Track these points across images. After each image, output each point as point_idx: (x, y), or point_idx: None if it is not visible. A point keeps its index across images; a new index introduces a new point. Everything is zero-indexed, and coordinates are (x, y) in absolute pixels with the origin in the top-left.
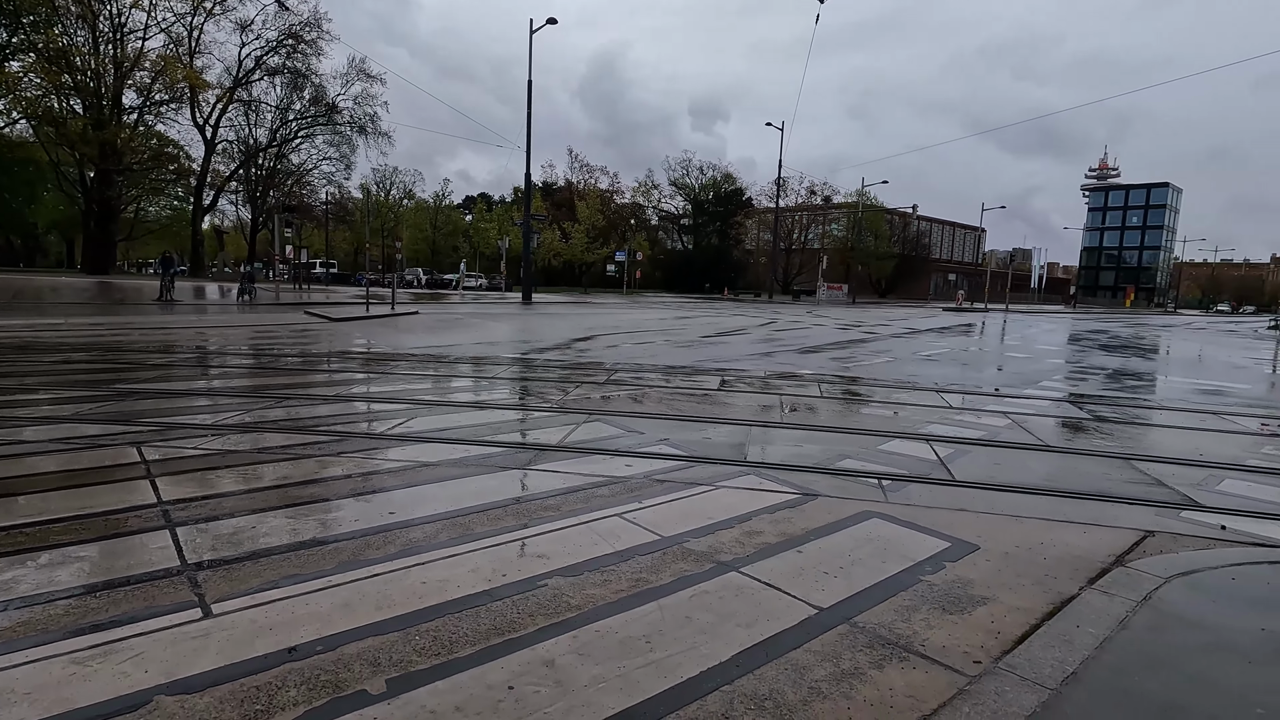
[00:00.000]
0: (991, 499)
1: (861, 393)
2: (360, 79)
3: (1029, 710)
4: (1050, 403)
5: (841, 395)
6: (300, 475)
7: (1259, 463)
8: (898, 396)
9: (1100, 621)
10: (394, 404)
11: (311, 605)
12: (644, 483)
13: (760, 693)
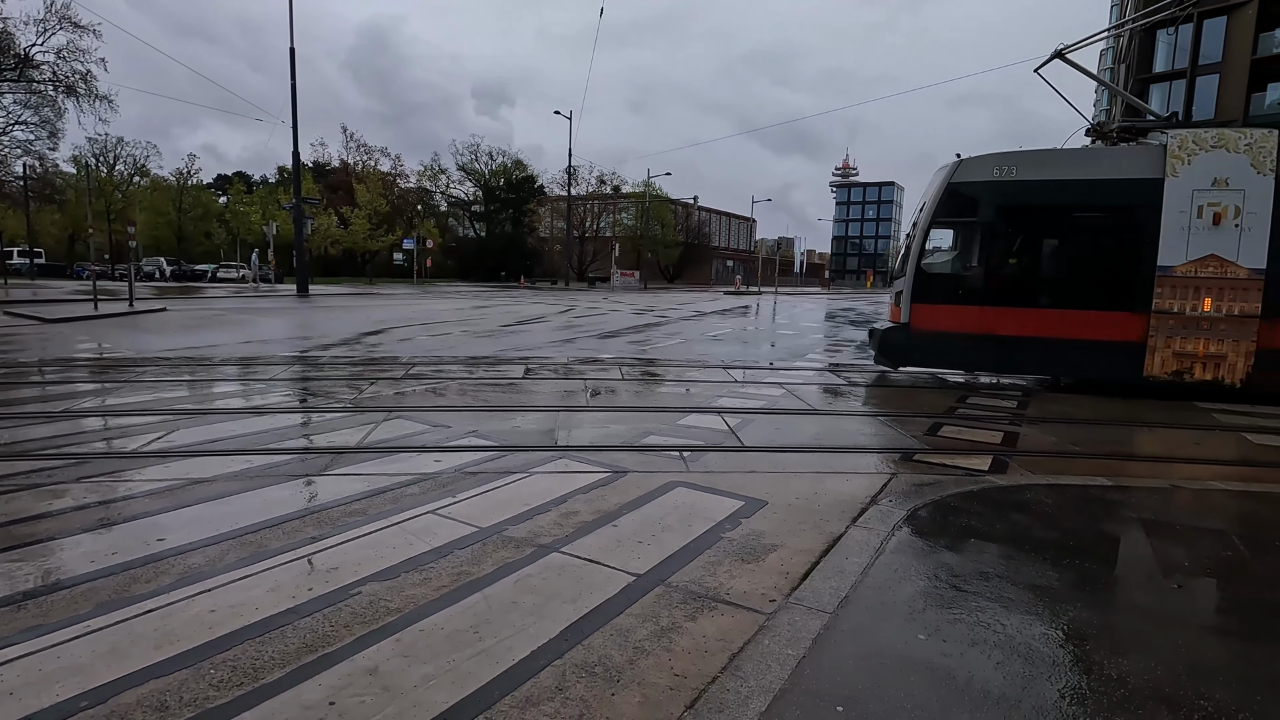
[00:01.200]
0: (775, 460)
1: (658, 373)
2: (64, 28)
3: (815, 633)
4: (814, 372)
5: (640, 376)
6: (20, 510)
7: (966, 411)
8: (690, 375)
9: (863, 552)
10: (146, 416)
11: (65, 657)
12: (456, 476)
13: (590, 660)
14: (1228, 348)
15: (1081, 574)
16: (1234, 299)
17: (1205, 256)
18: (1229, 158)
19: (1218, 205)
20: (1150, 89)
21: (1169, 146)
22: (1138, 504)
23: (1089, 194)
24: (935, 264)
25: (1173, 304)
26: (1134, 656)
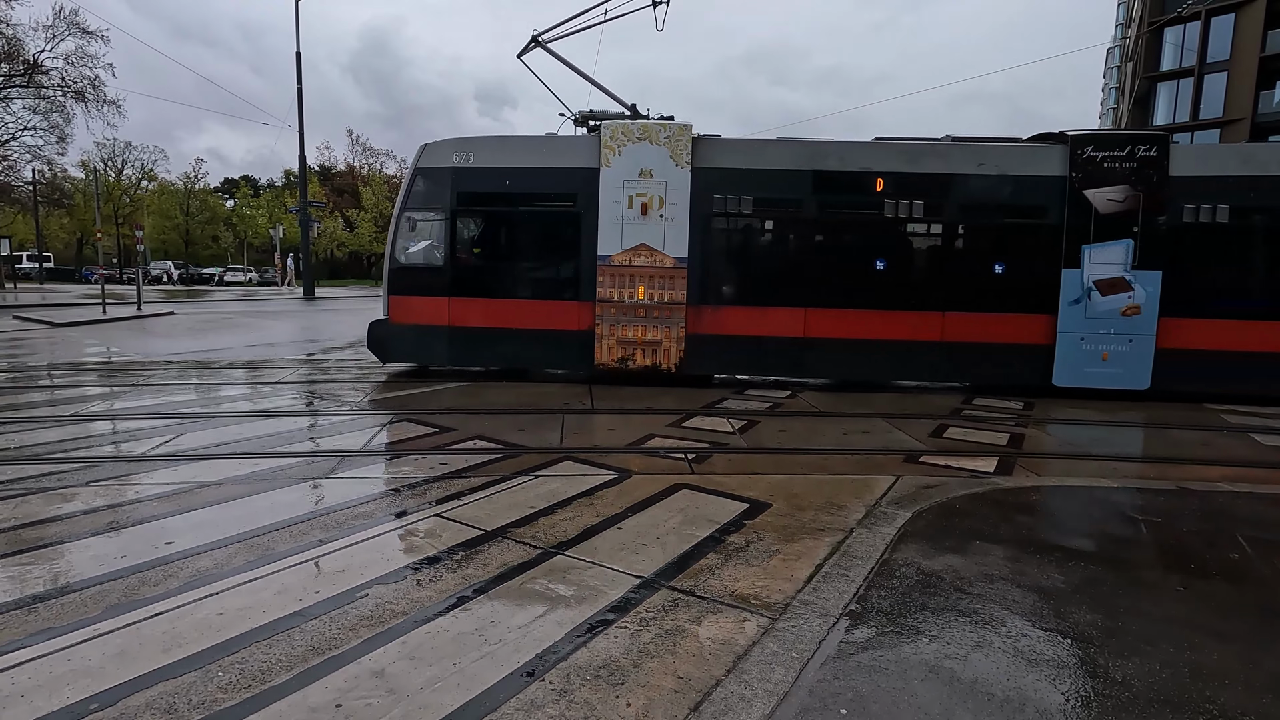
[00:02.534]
0: (779, 461)
1: None
2: (73, 34)
3: (821, 636)
4: None
5: None
6: (30, 514)
7: (972, 412)
8: None
9: (868, 555)
10: (155, 420)
11: (75, 660)
12: (460, 478)
13: (595, 663)
14: (662, 334)
15: (1087, 576)
16: (664, 287)
17: (637, 246)
18: (651, 149)
19: (645, 196)
20: (1158, 87)
21: (602, 137)
22: (1144, 506)
23: (540, 182)
24: (408, 255)
25: (613, 293)
26: (1139, 659)
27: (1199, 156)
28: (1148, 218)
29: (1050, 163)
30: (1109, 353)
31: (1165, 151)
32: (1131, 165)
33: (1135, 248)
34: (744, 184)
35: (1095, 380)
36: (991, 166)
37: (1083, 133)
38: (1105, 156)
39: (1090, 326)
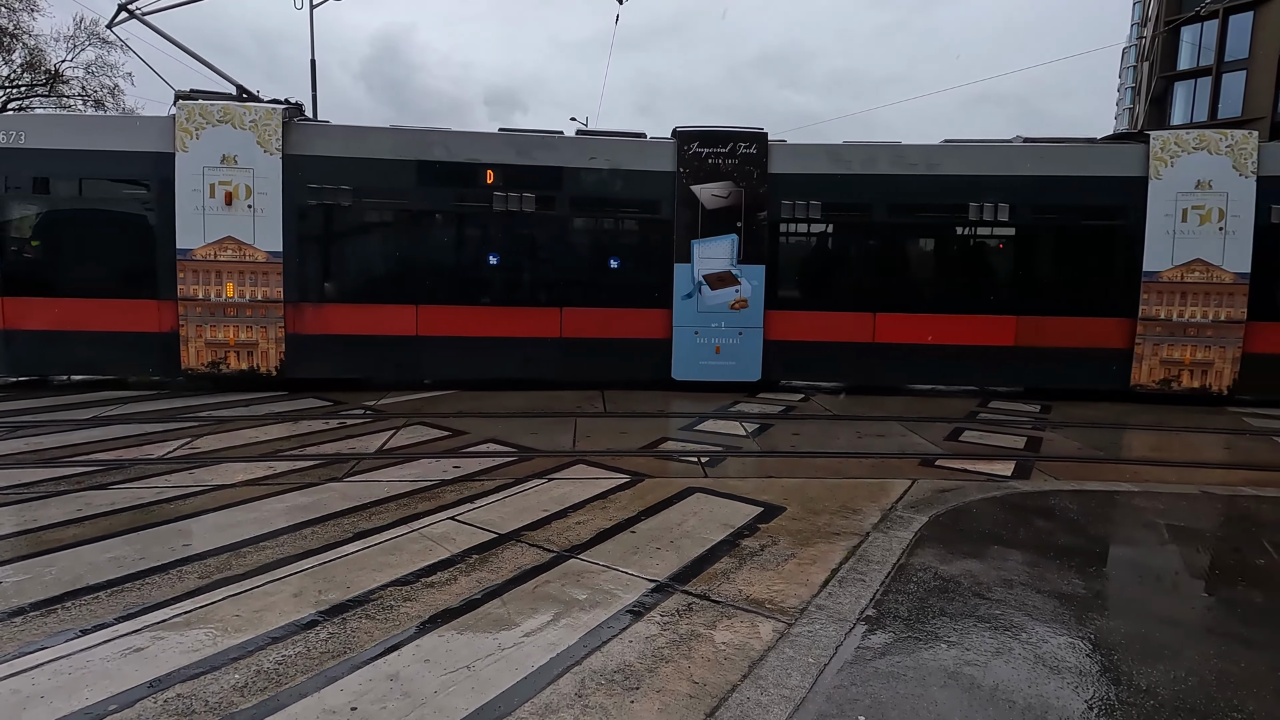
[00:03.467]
0: (793, 464)
1: None
2: (93, 44)
3: (838, 641)
4: None
5: None
6: (50, 516)
7: (989, 415)
8: None
9: (884, 559)
10: (172, 423)
11: (94, 661)
12: (474, 482)
13: (610, 667)
14: (258, 335)
15: (1108, 581)
16: (257, 284)
17: (223, 239)
18: (235, 134)
19: (229, 184)
20: (1175, 87)
21: (177, 118)
22: (1166, 510)
23: (103, 167)
24: None
25: (198, 290)
26: (1163, 666)
27: (794, 154)
28: (750, 214)
29: (661, 158)
30: (721, 345)
31: (765, 149)
32: (734, 162)
33: (739, 242)
34: (345, 173)
35: (711, 373)
36: (603, 160)
37: (689, 129)
38: (710, 153)
39: (703, 320)
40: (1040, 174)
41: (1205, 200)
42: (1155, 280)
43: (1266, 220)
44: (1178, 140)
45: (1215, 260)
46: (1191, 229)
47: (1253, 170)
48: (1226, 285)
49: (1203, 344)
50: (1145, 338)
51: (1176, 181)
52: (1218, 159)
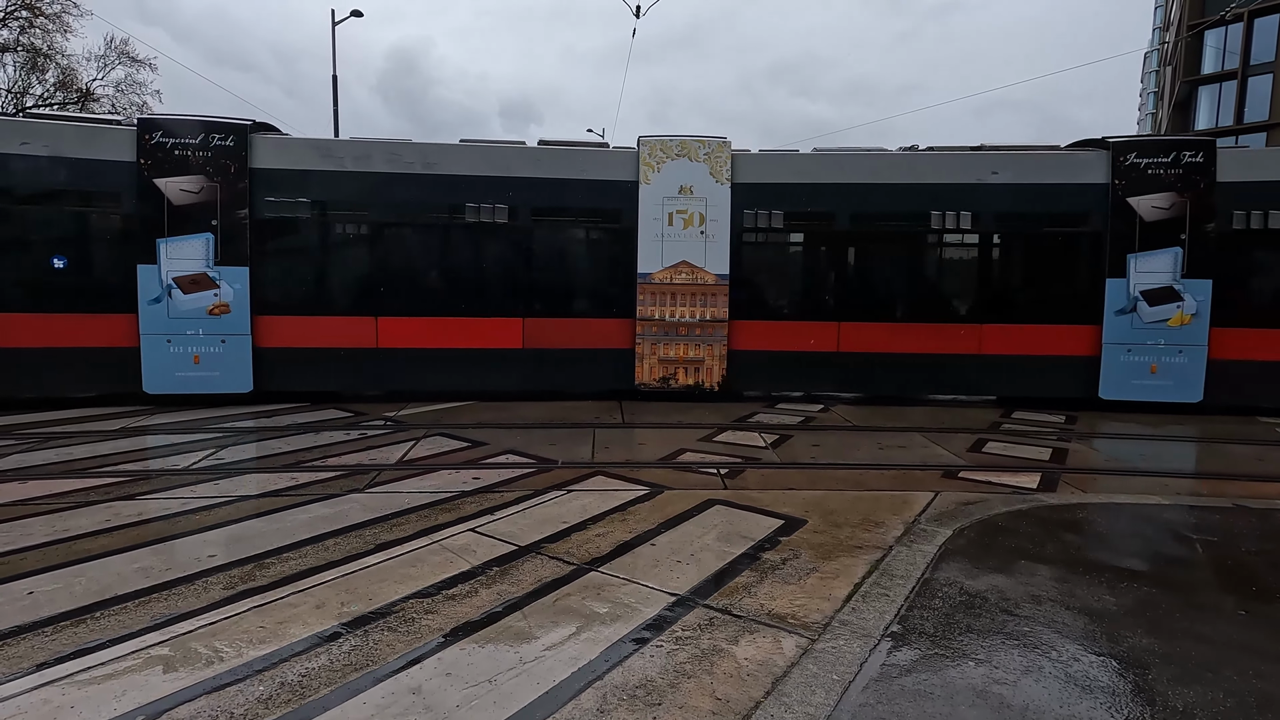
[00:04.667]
0: (814, 476)
1: None
2: (123, 63)
3: (863, 658)
4: None
5: None
6: (78, 527)
7: (1012, 426)
8: None
9: (908, 573)
10: (197, 434)
11: (122, 672)
12: (494, 493)
13: (631, 683)
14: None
15: (1140, 598)
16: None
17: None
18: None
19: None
20: (1199, 91)
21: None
22: (1198, 524)
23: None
24: None
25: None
26: (1200, 687)
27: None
28: (226, 212)
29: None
30: (200, 355)
31: (243, 143)
32: (207, 154)
33: (215, 243)
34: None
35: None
36: None
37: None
38: (177, 142)
39: (172, 327)
40: (535, 176)
41: (689, 205)
42: (649, 281)
43: (741, 225)
44: (663, 146)
45: (699, 263)
46: (677, 232)
47: (727, 177)
48: (709, 286)
49: (693, 342)
50: (644, 337)
51: (663, 186)
52: (697, 165)
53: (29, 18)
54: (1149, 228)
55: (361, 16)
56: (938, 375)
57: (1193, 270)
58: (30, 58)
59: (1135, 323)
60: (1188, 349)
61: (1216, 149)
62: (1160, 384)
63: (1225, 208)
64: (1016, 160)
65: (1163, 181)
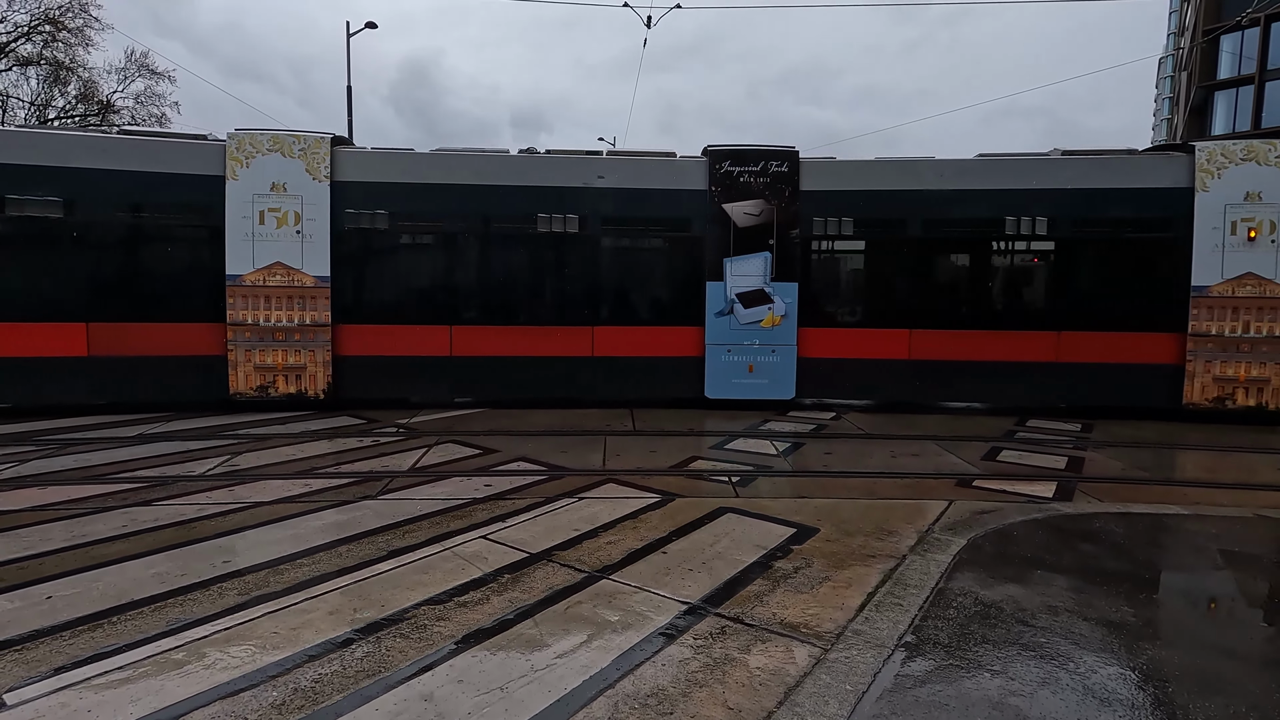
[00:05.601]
0: (826, 484)
1: None
2: (143, 75)
3: (876, 668)
4: None
5: None
6: (96, 532)
7: (1027, 435)
8: None
9: (922, 583)
10: (213, 440)
11: (136, 678)
12: (505, 500)
13: (643, 691)
14: None
15: (1159, 609)
16: None
17: None
18: None
19: None
20: (1215, 96)
21: None
22: (1218, 534)
23: None
24: None
25: None
26: (1223, 699)
27: None
28: None
29: None
30: None
31: None
32: None
33: None
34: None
35: None
36: None
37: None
38: None
39: None
40: None
41: (282, 203)
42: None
43: (342, 226)
44: (250, 139)
45: (295, 264)
46: (270, 231)
47: (326, 175)
48: (308, 289)
49: (293, 348)
50: None
51: None
52: (292, 162)
53: (52, 32)
54: (741, 233)
55: (376, 28)
56: (555, 374)
57: (781, 274)
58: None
59: (733, 324)
60: (780, 348)
61: (799, 159)
62: (757, 382)
63: (808, 214)
64: (623, 165)
65: (753, 189)
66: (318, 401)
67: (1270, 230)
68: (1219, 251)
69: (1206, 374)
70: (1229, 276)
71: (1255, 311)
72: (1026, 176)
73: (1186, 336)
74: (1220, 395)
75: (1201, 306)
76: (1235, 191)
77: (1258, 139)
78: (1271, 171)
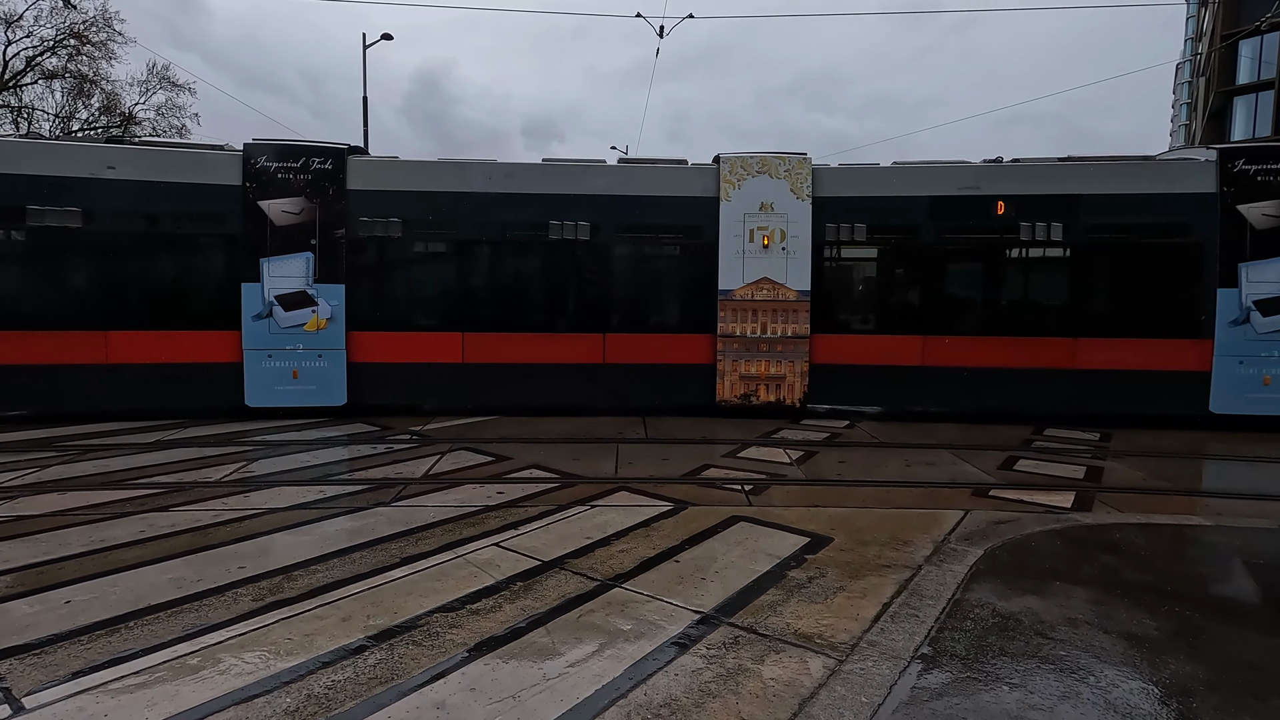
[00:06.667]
0: (841, 494)
1: None
2: (164, 88)
3: (892, 680)
4: None
5: None
6: (113, 538)
7: (1044, 444)
8: None
9: (938, 594)
10: (228, 447)
11: (152, 683)
12: (517, 508)
13: (655, 701)
14: None
15: (1182, 622)
16: None
17: None
18: None
19: None
20: (1234, 102)
21: None
22: (1242, 546)
23: None
24: None
25: None
26: (1249, 717)
27: None
28: None
29: None
30: None
31: None
32: None
33: None
34: None
35: None
36: None
37: None
38: None
39: None
40: None
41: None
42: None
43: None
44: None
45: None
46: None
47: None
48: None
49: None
50: None
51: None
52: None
53: (76, 45)
54: (279, 232)
55: (392, 39)
56: None
57: (324, 275)
58: (77, 84)
59: (272, 327)
60: (327, 353)
61: (347, 158)
62: (303, 389)
63: (355, 214)
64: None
65: (293, 186)
66: None
67: None
68: (740, 257)
69: (734, 372)
70: (748, 281)
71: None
72: (574, 182)
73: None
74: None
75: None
76: (752, 202)
77: (770, 153)
78: None
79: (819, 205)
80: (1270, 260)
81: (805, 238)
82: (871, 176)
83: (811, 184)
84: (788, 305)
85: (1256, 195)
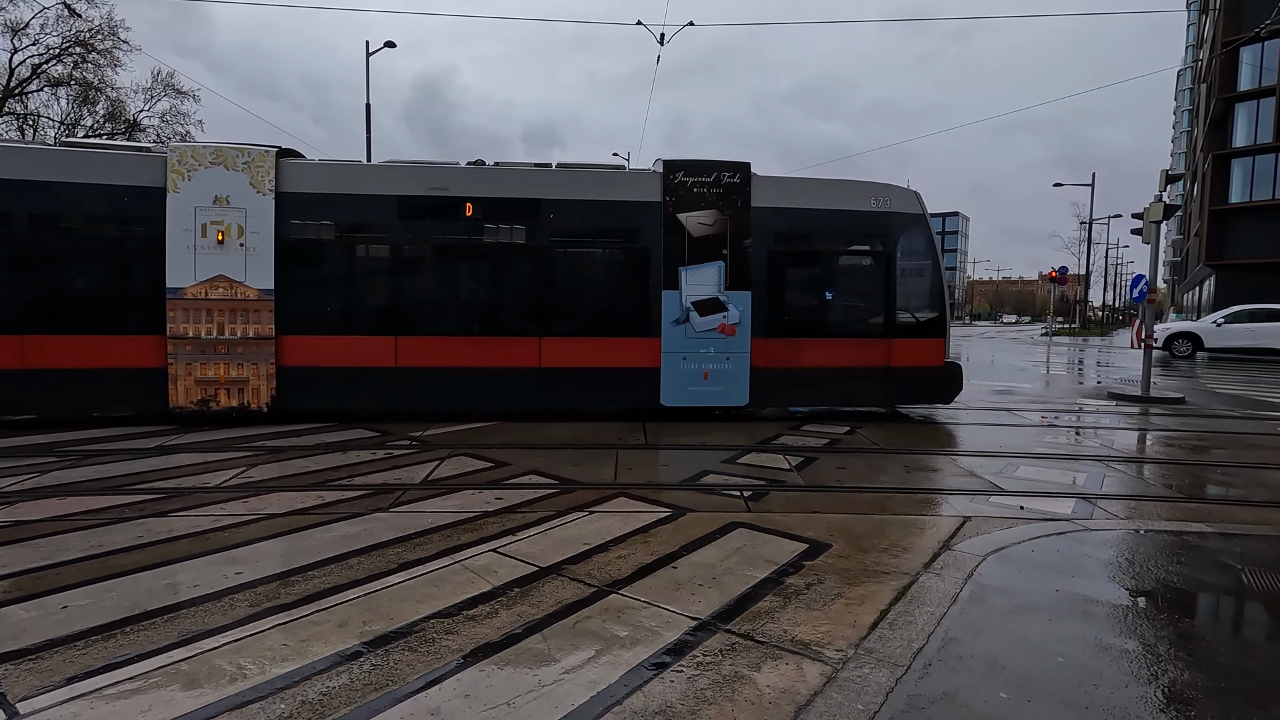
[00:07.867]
0: (840, 499)
1: None
2: (168, 95)
3: (889, 688)
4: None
5: None
6: (111, 543)
7: (1046, 450)
8: None
9: (937, 601)
10: (228, 452)
11: (147, 688)
12: (516, 514)
13: (651, 708)
14: None
15: (1185, 630)
16: None
17: None
18: None
19: None
20: (1236, 108)
21: None
22: (1244, 554)
23: None
24: None
25: None
26: None
27: None
28: None
29: None
30: None
31: None
32: None
33: None
34: None
35: None
36: None
37: None
38: None
39: None
40: None
41: None
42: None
43: None
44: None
45: None
46: None
47: None
48: None
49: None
50: None
51: None
52: None
53: (82, 53)
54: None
55: (394, 47)
56: None
57: None
58: (82, 91)
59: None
60: None
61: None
62: None
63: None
64: None
65: None
66: None
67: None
68: (190, 252)
69: (189, 376)
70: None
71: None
72: None
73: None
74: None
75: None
76: (205, 195)
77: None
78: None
79: (284, 201)
80: (704, 265)
81: (268, 234)
82: (341, 173)
83: (275, 179)
84: (248, 305)
85: (692, 205)
